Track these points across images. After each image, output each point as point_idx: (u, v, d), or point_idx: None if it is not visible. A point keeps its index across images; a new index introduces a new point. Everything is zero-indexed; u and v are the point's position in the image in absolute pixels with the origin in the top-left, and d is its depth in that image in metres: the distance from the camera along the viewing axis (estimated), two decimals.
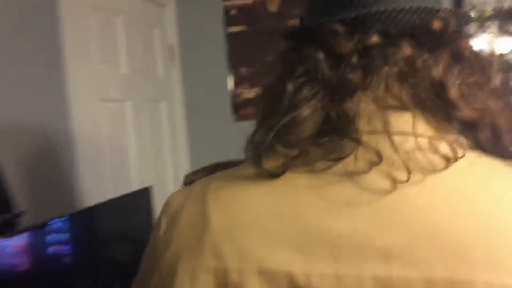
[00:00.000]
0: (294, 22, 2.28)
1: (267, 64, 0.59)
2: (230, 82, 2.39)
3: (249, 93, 2.37)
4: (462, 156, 0.49)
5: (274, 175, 0.51)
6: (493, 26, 2.10)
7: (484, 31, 2.10)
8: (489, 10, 2.09)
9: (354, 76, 0.52)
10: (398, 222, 0.47)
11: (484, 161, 0.51)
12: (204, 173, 0.60)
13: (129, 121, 1.95)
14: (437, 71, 0.51)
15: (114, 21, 1.90)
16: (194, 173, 0.61)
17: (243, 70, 2.37)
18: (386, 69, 0.51)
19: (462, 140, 0.52)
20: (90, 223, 1.42)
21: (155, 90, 2.21)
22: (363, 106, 0.51)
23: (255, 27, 2.35)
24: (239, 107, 2.38)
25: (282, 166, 0.51)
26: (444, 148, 0.50)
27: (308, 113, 0.52)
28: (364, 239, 0.47)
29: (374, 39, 0.52)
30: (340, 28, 0.53)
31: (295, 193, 0.51)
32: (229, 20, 2.38)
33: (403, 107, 0.52)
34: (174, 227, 0.55)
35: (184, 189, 0.59)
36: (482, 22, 2.10)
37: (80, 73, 1.65)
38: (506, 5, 2.08)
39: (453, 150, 0.49)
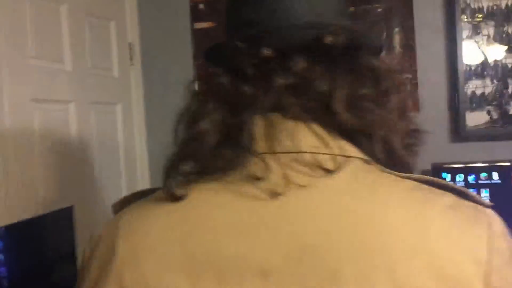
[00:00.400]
0: None
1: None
2: (197, 85, 2.13)
3: None
4: (338, 169, 0.51)
5: (174, 197, 0.54)
6: (488, 28, 1.88)
7: (477, 34, 1.89)
8: (482, 12, 1.87)
9: (248, 89, 0.55)
10: (274, 240, 0.49)
11: (367, 176, 0.52)
12: (129, 201, 0.60)
13: (72, 126, 1.68)
14: (325, 84, 0.54)
15: (56, 10, 1.64)
16: (120, 202, 0.61)
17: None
18: (279, 81, 0.54)
19: (354, 152, 0.54)
20: (5, 242, 1.22)
21: (109, 91, 1.94)
22: (256, 117, 0.54)
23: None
24: None
25: (182, 186, 0.54)
26: (327, 161, 0.52)
27: (207, 126, 0.55)
28: (244, 259, 0.49)
29: (266, 52, 0.54)
30: (239, 44, 0.56)
31: (189, 216, 0.53)
32: (196, 15, 2.13)
33: (292, 118, 0.54)
34: (92, 258, 0.56)
35: (108, 221, 0.60)
36: (476, 24, 1.89)
37: (9, 68, 1.39)
38: (503, 3, 1.86)
39: (336, 164, 0.52)
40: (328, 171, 0.51)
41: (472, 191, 0.53)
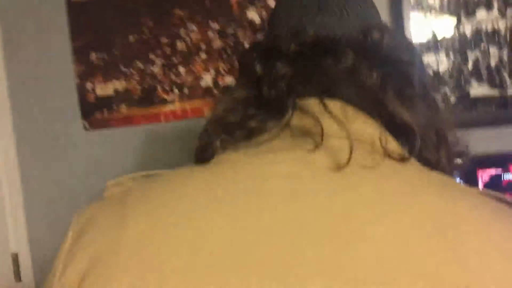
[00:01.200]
0: None
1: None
2: (76, 74, 1.64)
3: (105, 89, 1.63)
4: (407, 161, 0.50)
5: (202, 163, 0.52)
6: None
7: None
8: None
9: (286, 69, 0.54)
10: (317, 232, 0.44)
11: (430, 175, 0.51)
12: (126, 182, 0.55)
13: None
14: (374, 75, 0.53)
15: None
16: (115, 183, 0.55)
17: (94, 57, 1.63)
18: (327, 61, 0.54)
19: (397, 147, 0.52)
20: None
21: None
22: (302, 98, 0.54)
23: None
24: (91, 110, 1.64)
25: (210, 151, 0.53)
26: (391, 153, 0.50)
27: (239, 98, 0.56)
28: (304, 256, 0.44)
29: (313, 34, 0.56)
30: (285, 33, 0.58)
31: (230, 194, 0.47)
32: None
33: (350, 104, 0.53)
34: (79, 243, 0.48)
35: (97, 201, 0.53)
36: None
37: None
38: None
39: (401, 157, 0.51)
40: (398, 160, 0.49)
41: None
